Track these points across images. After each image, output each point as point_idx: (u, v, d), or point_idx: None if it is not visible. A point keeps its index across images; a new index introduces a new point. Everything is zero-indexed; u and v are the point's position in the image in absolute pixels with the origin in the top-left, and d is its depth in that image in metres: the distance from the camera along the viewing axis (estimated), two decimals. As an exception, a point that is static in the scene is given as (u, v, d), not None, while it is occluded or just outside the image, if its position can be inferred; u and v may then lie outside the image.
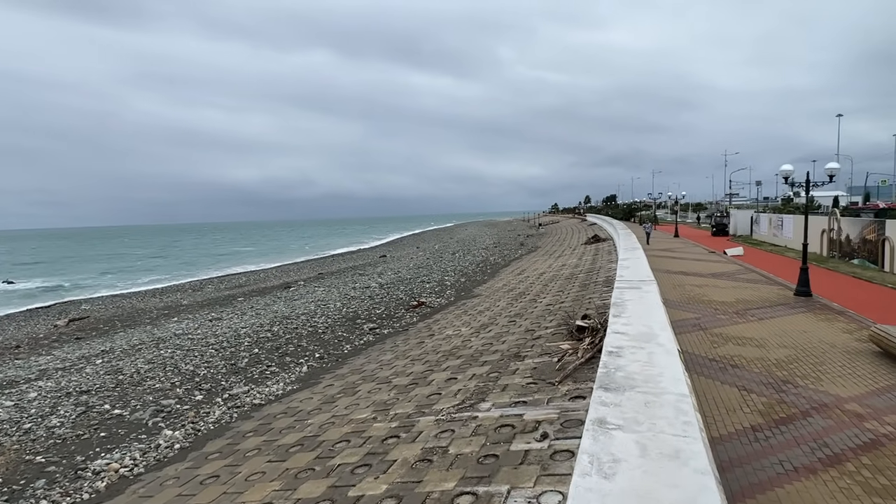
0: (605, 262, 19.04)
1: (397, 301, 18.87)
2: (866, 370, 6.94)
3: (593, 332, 7.78)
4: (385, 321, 15.56)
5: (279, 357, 12.02)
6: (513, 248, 39.10)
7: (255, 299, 23.57)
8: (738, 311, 11.62)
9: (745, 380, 6.53)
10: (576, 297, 12.41)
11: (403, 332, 13.61)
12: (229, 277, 37.75)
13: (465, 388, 6.83)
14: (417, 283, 23.24)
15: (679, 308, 12.23)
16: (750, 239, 30.74)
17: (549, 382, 6.34)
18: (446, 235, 74.86)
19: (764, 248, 25.79)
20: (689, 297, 13.56)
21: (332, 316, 16.62)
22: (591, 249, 27.20)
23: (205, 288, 31.80)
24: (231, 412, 8.36)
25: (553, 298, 13.06)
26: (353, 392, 8.23)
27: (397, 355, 10.58)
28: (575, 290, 13.53)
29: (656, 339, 3.79)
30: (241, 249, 79.19)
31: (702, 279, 16.77)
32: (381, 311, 17.04)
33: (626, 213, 78.16)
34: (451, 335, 11.31)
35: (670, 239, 34.25)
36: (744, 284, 15.63)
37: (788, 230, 24.95)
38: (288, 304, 20.13)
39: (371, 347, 12.27)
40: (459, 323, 12.83)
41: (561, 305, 11.65)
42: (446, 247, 48.09)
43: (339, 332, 14.38)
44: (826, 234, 21.14)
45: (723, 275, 17.62)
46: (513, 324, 10.82)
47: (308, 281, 30.13)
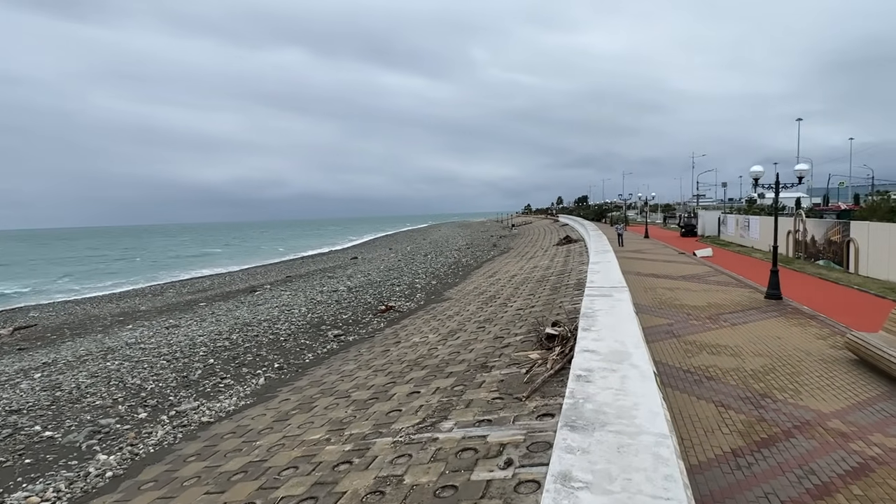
0: (577, 264, 18.85)
1: (365, 305, 18.28)
2: (845, 381, 6.73)
3: (563, 340, 7.42)
4: (351, 327, 14.97)
5: (235, 368, 11.33)
6: (485, 250, 38.83)
7: (218, 304, 22.62)
8: (710, 317, 11.38)
9: (721, 394, 6.20)
10: (546, 301, 12.08)
11: (369, 339, 13.06)
12: (193, 281, 36.42)
13: (427, 405, 6.36)
14: (387, 287, 22.67)
15: (651, 313, 11.99)
16: (718, 240, 31.13)
17: (517, 398, 5.93)
18: (419, 237, 74.29)
19: (731, 248, 26.08)
20: (660, 302, 13.34)
21: (296, 322, 15.93)
22: (563, 251, 27.09)
23: (166, 292, 30.52)
24: (176, 432, 7.70)
25: (523, 302, 12.72)
26: (310, 408, 7.68)
27: (360, 365, 10.05)
28: (546, 294, 13.22)
29: (630, 359, 3.39)
30: (210, 251, 77.02)
31: (673, 282, 16.65)
32: (347, 317, 16.43)
33: (597, 214, 78.99)
34: (418, 343, 10.83)
35: (640, 240, 34.49)
36: (714, 287, 15.53)
37: (755, 231, 25.28)
38: (251, 310, 19.31)
39: (334, 356, 11.69)
40: (427, 329, 12.36)
41: (531, 310, 11.30)
42: (418, 248, 47.55)
43: (302, 339, 13.73)
44: (792, 236, 21.42)
45: (693, 277, 17.55)
46: (482, 330, 10.41)
47: (275, 284, 29.21)
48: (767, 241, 23.75)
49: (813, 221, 20.65)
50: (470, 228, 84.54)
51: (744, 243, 27.09)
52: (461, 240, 54.73)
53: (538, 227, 58.02)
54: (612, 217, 68.69)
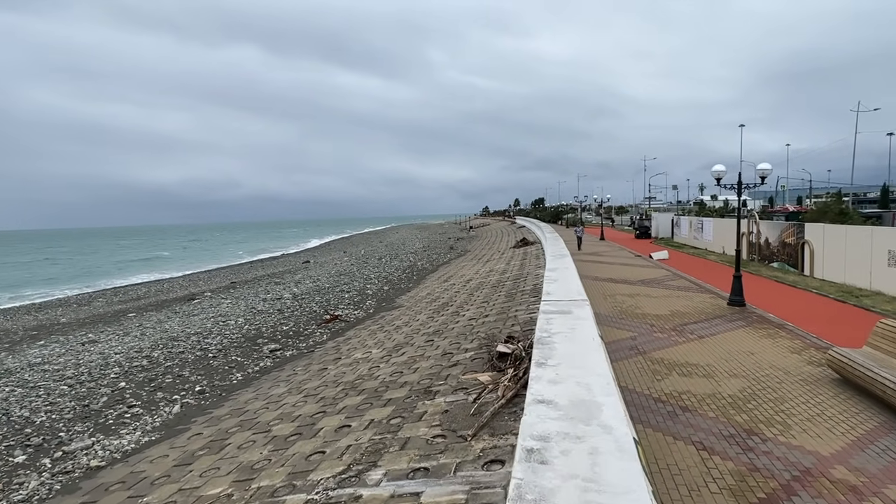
0: (533, 268, 18.16)
1: (310, 315, 16.97)
2: (835, 408, 6.05)
3: (516, 360, 6.53)
4: (291, 340, 13.67)
5: (149, 393, 9.90)
6: (442, 252, 37.94)
7: (149, 315, 20.72)
8: (675, 328, 10.80)
9: (701, 431, 5.33)
10: (501, 309, 11.23)
11: (308, 354, 11.85)
12: (129, 288, 33.84)
13: (356, 444, 5.31)
14: (336, 293, 21.36)
15: (612, 325, 11.25)
16: (672, 242, 31.31)
17: (461, 436, 4.97)
18: (376, 239, 72.72)
19: (686, 250, 26.10)
20: (621, 311, 12.63)
21: (230, 335, 14.48)
22: (520, 253, 26.50)
23: (94, 301, 28.07)
24: (54, 482, 6.34)
25: (477, 311, 11.82)
26: (221, 447, 6.47)
27: (292, 388, 8.87)
28: (500, 301, 12.38)
29: (600, 417, 2.47)
30: (155, 256, 72.92)
31: (632, 287, 16.09)
32: (288, 328, 15.10)
33: (553, 216, 79.60)
34: (360, 359, 9.74)
35: (596, 242, 34.39)
36: (675, 293, 15.02)
37: (708, 233, 25.36)
38: (183, 321, 17.64)
39: (266, 376, 10.43)
40: (372, 342, 11.27)
41: (485, 320, 10.41)
42: (374, 251, 46.19)
43: (234, 355, 12.36)
44: (745, 238, 21.42)
45: (652, 282, 17.05)
46: (430, 344, 9.42)
47: (217, 292, 27.32)
48: (721, 243, 23.82)
49: (766, 223, 20.69)
50: (428, 231, 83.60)
51: (697, 245, 27.21)
52: (418, 242, 53.66)
53: (496, 230, 57.67)
54: (569, 219, 69.27)
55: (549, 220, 72.19)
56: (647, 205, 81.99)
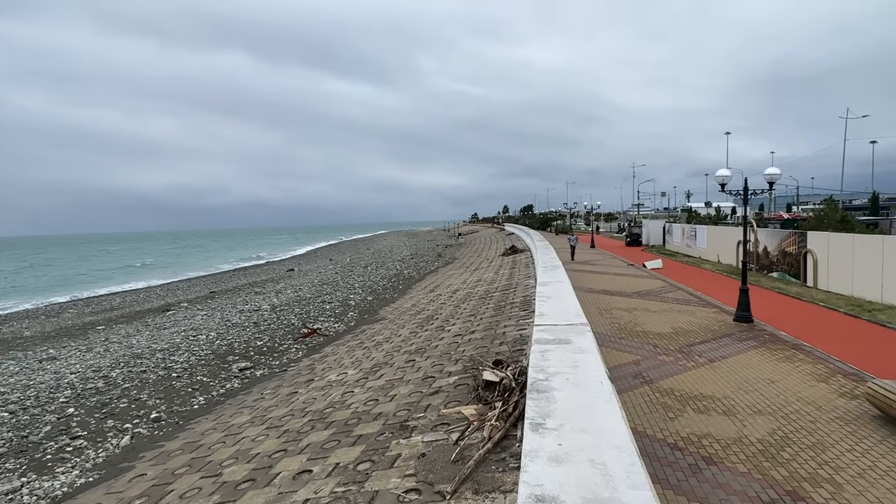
0: (523, 278, 17.40)
1: (287, 328, 16.01)
2: (890, 458, 5.11)
3: (505, 392, 5.72)
4: (264, 357, 12.72)
5: (100, 420, 8.91)
6: (429, 260, 37.10)
7: (118, 328, 19.60)
8: (681, 349, 9.76)
9: (735, 494, 4.45)
10: (488, 324, 10.41)
11: (281, 374, 10.92)
12: (103, 298, 32.51)
13: (314, 500, 4.45)
14: (317, 304, 20.40)
15: (612, 345, 10.32)
16: (663, 249, 30.71)
17: (439, 492, 4.14)
18: (363, 246, 71.66)
19: (679, 259, 25.45)
20: (620, 328, 11.70)
21: (199, 352, 13.49)
22: (509, 262, 25.74)
23: (64, 313, 26.78)
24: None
25: (463, 326, 11.00)
26: (162, 494, 5.56)
27: (255, 416, 7.95)
28: (488, 315, 11.57)
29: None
30: (137, 263, 71.14)
31: (629, 300, 15.20)
32: (262, 344, 14.14)
33: (542, 223, 79.13)
34: (333, 382, 8.86)
35: (587, 250, 33.74)
36: (675, 307, 14.14)
37: (702, 241, 24.73)
38: (152, 336, 16.58)
39: (232, 399, 9.49)
40: (349, 361, 10.38)
41: (471, 337, 9.59)
42: (360, 259, 45.20)
43: (200, 375, 11.38)
44: (740, 245, 20.68)
45: (649, 294, 16.19)
46: (410, 365, 8.57)
47: (194, 302, 26.19)
48: (716, 252, 23.17)
49: (765, 231, 19.95)
50: (416, 237, 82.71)
51: (691, 253, 26.59)
52: (406, 249, 52.76)
53: (484, 236, 56.99)
54: (558, 226, 68.77)
55: (538, 227, 71.66)
56: (635, 211, 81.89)
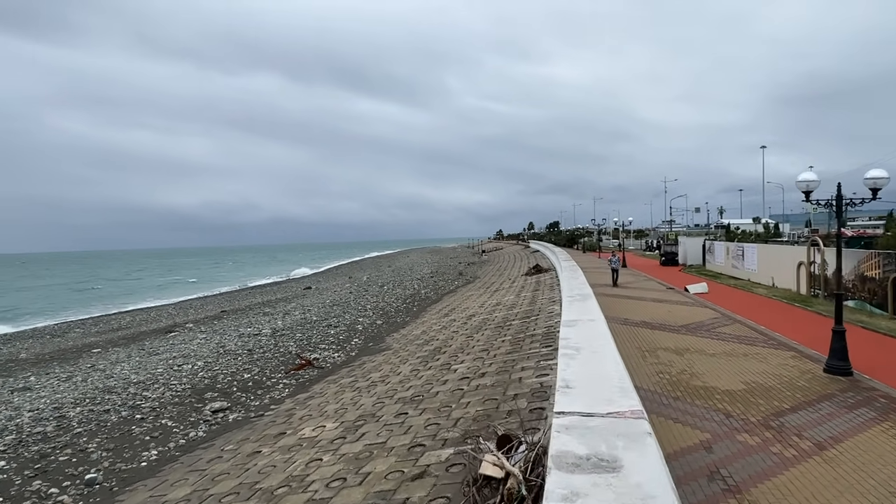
0: (546, 302, 15.47)
1: (282, 357, 14.40)
2: None
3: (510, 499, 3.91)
4: (245, 396, 11.10)
5: (27, 479, 7.36)
6: (450, 279, 35.34)
7: (112, 352, 18.37)
8: (767, 421, 6.87)
9: None
10: (502, 364, 8.58)
11: (256, 419, 9.26)
12: (112, 318, 31.71)
13: None
14: (321, 329, 18.80)
15: (666, 413, 7.36)
16: (703, 270, 28.14)
17: None
18: (385, 264, 70.37)
19: (723, 281, 22.91)
20: (672, 381, 8.91)
21: (177, 386, 11.94)
22: (532, 283, 23.81)
23: (70, 332, 25.90)
24: None
25: (472, 365, 9.19)
26: None
27: (196, 489, 6.27)
28: (504, 351, 9.73)
29: None
30: (162, 280, 71.50)
31: (676, 337, 12.45)
32: (249, 377, 12.53)
33: (568, 240, 76.64)
34: (305, 440, 7.13)
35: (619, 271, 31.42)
36: (738, 348, 11.19)
37: (752, 261, 22.11)
38: (139, 363, 15.20)
39: (187, 456, 7.84)
40: (333, 408, 8.65)
41: (479, 383, 7.78)
42: (379, 277, 43.73)
43: (166, 418, 9.80)
44: (805, 268, 17.92)
45: (701, 328, 13.29)
46: (400, 422, 6.79)
47: (200, 322, 24.99)
48: (769, 273, 20.45)
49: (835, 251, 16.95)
50: (440, 255, 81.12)
51: (737, 275, 23.88)
52: (427, 267, 51.13)
53: (508, 254, 55.02)
54: (585, 243, 66.22)
55: (564, 244, 69.27)
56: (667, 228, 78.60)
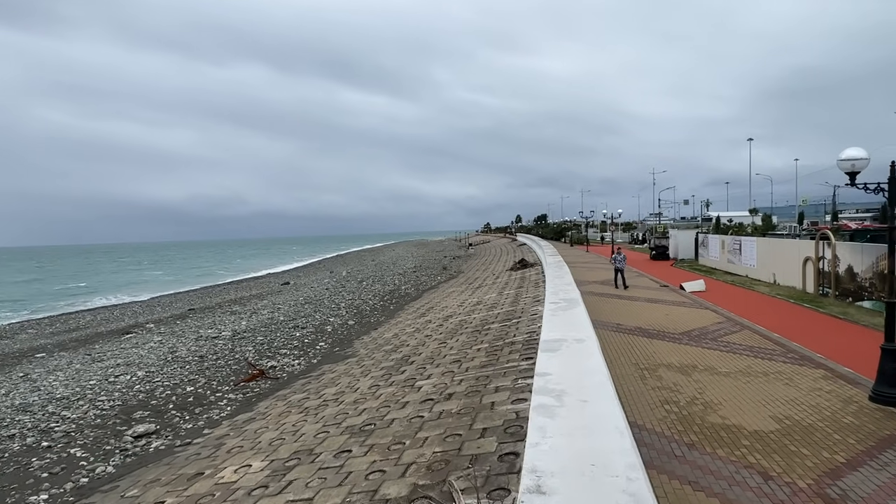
0: (530, 303, 14.11)
1: (235, 366, 12.87)
2: None
3: None
4: (180, 415, 9.57)
5: None
6: (433, 274, 33.89)
7: (56, 357, 16.67)
8: (821, 487, 4.60)
9: None
10: (474, 382, 7.18)
11: (181, 448, 7.75)
12: (73, 316, 29.81)
13: None
14: (287, 331, 17.25)
15: (682, 473, 4.89)
16: (696, 265, 26.90)
17: None
18: (369, 258, 68.69)
19: (719, 277, 21.59)
20: (683, 418, 6.25)
21: (104, 403, 10.36)
22: (516, 279, 22.47)
23: (22, 333, 24.02)
24: None
25: (440, 381, 7.80)
26: None
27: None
28: (478, 363, 8.34)
29: None
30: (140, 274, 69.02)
31: (678, 348, 9.93)
32: (191, 390, 10.98)
33: (556, 233, 75.46)
34: (221, 487, 5.66)
35: (606, 265, 30.14)
36: (755, 364, 8.68)
37: (750, 256, 20.74)
38: (77, 371, 13.55)
39: (82, 502, 6.34)
40: (268, 438, 7.17)
41: (444, 408, 6.40)
42: (360, 271, 42.14)
43: (77, 445, 8.25)
44: (813, 264, 16.29)
45: (705, 335, 11.00)
46: (339, 464, 5.36)
47: (162, 322, 23.29)
48: (770, 270, 19.15)
49: (848, 246, 15.42)
50: (426, 248, 79.59)
51: (734, 270, 22.55)
52: (411, 261, 49.60)
53: (495, 247, 53.70)
54: (572, 235, 65.02)
55: (552, 237, 68.07)
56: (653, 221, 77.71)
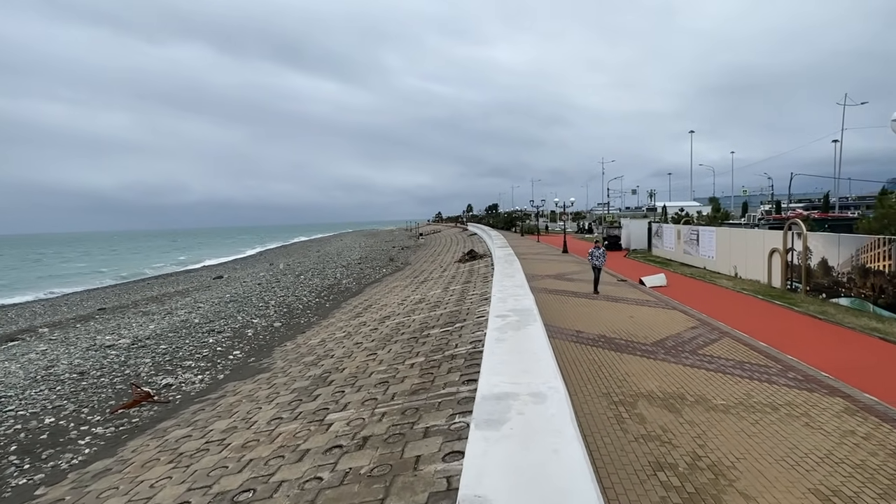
0: (477, 301, 12.46)
1: (121, 384, 10.55)
2: None
3: None
4: (19, 461, 7.30)
5: None
6: (378, 266, 31.88)
7: None
8: None
9: None
10: (396, 421, 5.38)
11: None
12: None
13: None
14: (200, 336, 14.88)
15: None
16: (650, 255, 26.16)
17: None
18: (315, 248, 65.65)
19: (674, 268, 20.60)
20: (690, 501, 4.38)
21: (-80, 446, 7.94)
22: (464, 272, 20.87)
23: None
24: None
25: (356, 417, 5.98)
26: None
27: None
28: (406, 391, 6.55)
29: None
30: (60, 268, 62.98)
31: (655, 366, 8.33)
32: (50, 422, 8.65)
33: (506, 222, 74.78)
34: None
35: (559, 256, 29.03)
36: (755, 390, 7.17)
37: (708, 247, 19.78)
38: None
39: None
40: None
41: (349, 468, 4.55)
42: (300, 264, 39.50)
43: None
44: (780, 256, 15.15)
45: (681, 346, 9.48)
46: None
47: (59, 325, 20.22)
48: (731, 261, 18.39)
49: (822, 236, 14.18)
50: (376, 237, 77.20)
51: (691, 262, 21.59)
52: (357, 252, 47.27)
53: (446, 237, 52.16)
54: (523, 225, 64.33)
55: (502, 227, 67.20)
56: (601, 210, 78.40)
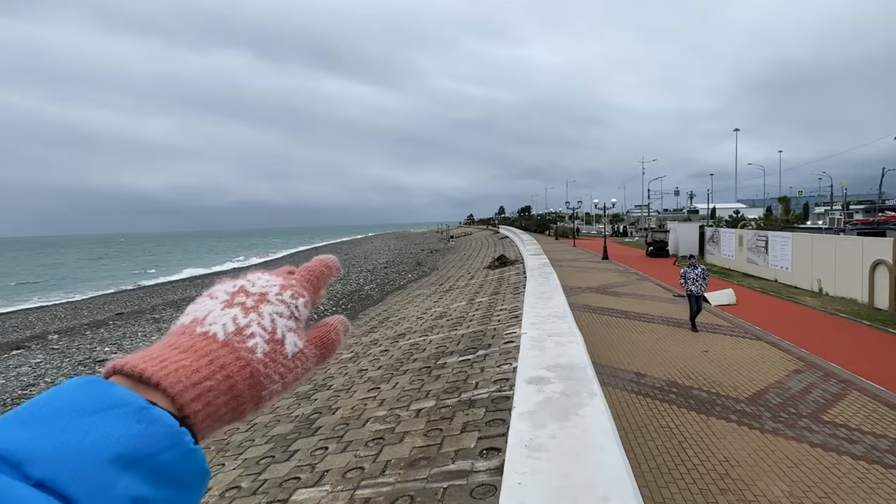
0: (505, 319, 10.52)
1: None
2: None
3: None
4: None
5: None
6: (403, 271, 30.32)
7: None
8: None
9: None
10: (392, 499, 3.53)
11: None
12: None
13: None
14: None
15: None
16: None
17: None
18: (343, 251, 64.80)
19: (736, 279, 17.88)
20: None
21: None
22: (493, 280, 18.93)
23: None
24: None
25: (326, 499, 4.09)
26: None
27: None
28: (404, 455, 4.68)
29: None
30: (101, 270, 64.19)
31: (766, 445, 5.93)
32: None
33: (540, 225, 72.27)
34: None
35: (599, 263, 26.74)
36: None
37: (781, 256, 16.44)
38: None
39: None
40: None
41: None
42: (325, 268, 38.28)
43: None
44: (890, 271, 12.39)
45: (793, 407, 6.88)
46: None
47: (69, 332, 19.37)
48: (813, 274, 15.29)
49: None
50: (406, 240, 76.10)
51: (757, 273, 18.70)
52: (384, 256, 45.95)
53: (476, 240, 50.32)
54: (557, 228, 61.79)
55: (535, 230, 64.88)
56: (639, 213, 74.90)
